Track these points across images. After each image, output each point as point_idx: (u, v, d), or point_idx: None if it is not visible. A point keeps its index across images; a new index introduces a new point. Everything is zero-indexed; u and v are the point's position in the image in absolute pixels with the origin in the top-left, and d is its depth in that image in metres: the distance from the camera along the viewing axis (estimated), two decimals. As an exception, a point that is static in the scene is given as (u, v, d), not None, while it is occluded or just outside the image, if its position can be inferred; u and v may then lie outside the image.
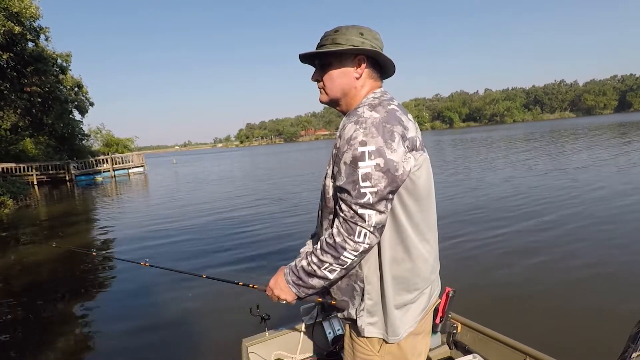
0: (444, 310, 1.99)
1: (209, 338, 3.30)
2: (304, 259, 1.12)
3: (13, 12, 15.64)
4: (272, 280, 1.21)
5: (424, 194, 1.11)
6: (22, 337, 3.65)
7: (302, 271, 1.11)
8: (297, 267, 1.13)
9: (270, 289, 1.20)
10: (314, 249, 1.10)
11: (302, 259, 1.12)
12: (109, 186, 20.89)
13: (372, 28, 1.17)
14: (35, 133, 25.92)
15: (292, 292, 1.15)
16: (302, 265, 1.11)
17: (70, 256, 6.41)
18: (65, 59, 24.20)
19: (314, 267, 1.08)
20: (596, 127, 35.15)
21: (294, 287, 1.14)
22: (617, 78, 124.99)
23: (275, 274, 1.22)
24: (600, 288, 3.62)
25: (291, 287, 1.14)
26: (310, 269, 1.08)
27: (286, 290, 1.16)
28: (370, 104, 1.08)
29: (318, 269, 1.07)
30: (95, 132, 38.42)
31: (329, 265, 1.05)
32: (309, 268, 1.09)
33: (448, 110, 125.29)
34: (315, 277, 1.09)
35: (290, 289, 1.15)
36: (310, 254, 1.10)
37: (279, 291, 1.17)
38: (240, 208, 9.56)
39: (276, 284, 1.19)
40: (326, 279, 1.08)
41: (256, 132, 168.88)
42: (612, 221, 5.68)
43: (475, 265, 4.43)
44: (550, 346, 1.86)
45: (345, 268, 1.06)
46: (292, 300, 1.17)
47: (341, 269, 1.06)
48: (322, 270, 1.07)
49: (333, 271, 1.06)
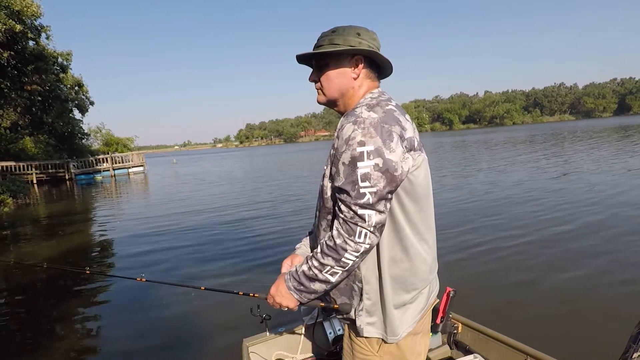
0: (444, 310, 1.99)
1: (210, 338, 3.30)
2: (305, 264, 1.10)
3: (14, 10, 15.63)
4: (272, 287, 1.20)
5: (422, 194, 1.11)
6: (19, 339, 3.63)
7: (303, 276, 1.09)
8: (298, 272, 1.11)
9: (271, 297, 1.19)
10: (314, 253, 1.09)
11: (303, 264, 1.11)
12: (108, 185, 20.87)
13: (369, 28, 1.17)
14: (35, 132, 25.90)
15: (294, 298, 1.14)
16: (302, 270, 1.10)
17: (70, 255, 6.41)
18: (66, 58, 24.23)
19: (315, 271, 1.06)
20: (600, 130, 35.10)
21: (296, 292, 1.12)
22: (616, 81, 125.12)
23: (276, 280, 1.20)
24: (601, 288, 3.62)
25: (293, 293, 1.13)
26: (312, 273, 1.07)
27: (288, 296, 1.15)
28: (368, 104, 1.08)
29: (319, 273, 1.06)
30: (95, 131, 38.47)
31: (330, 268, 1.04)
32: (310, 272, 1.08)
33: (448, 112, 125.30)
34: (317, 281, 1.07)
35: (292, 295, 1.14)
36: (310, 258, 1.09)
37: (281, 298, 1.16)
38: (241, 211, 9.51)
39: (277, 291, 1.17)
40: (328, 283, 1.07)
41: (256, 133, 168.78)
42: (613, 221, 5.69)
43: (476, 265, 4.44)
44: (550, 346, 1.86)
45: (346, 270, 1.05)
46: (294, 306, 1.16)
47: (343, 271, 1.05)
48: (323, 274, 1.06)
49: (335, 274, 1.05)
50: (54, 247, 7.14)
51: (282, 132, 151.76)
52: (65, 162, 24.70)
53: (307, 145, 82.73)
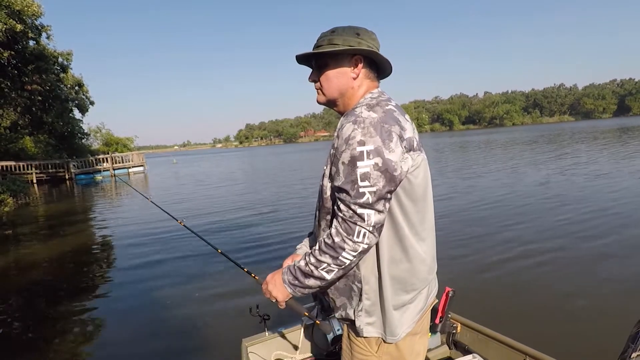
0: (443, 310, 2.00)
1: (209, 338, 3.30)
2: (302, 259, 1.10)
3: (15, 10, 15.65)
4: (269, 275, 1.21)
5: (421, 195, 1.11)
6: (20, 337, 3.64)
7: (299, 271, 1.10)
8: (295, 267, 1.12)
9: (266, 283, 1.21)
10: (312, 250, 1.09)
11: (301, 259, 1.11)
12: (108, 185, 20.87)
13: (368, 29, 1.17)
14: (35, 131, 25.91)
15: (286, 291, 1.14)
16: (299, 266, 1.11)
17: (70, 255, 6.42)
18: (66, 58, 24.27)
19: (312, 267, 1.07)
20: (605, 131, 34.95)
21: (290, 286, 1.13)
22: (616, 82, 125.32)
23: (276, 270, 1.22)
24: (600, 288, 3.63)
25: (287, 287, 1.14)
26: (308, 269, 1.08)
27: (280, 287, 1.15)
28: (368, 104, 1.08)
29: (315, 269, 1.06)
30: (95, 131, 38.51)
31: (327, 266, 1.05)
32: (306, 268, 1.08)
33: (448, 113, 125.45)
34: (312, 277, 1.08)
35: (285, 288, 1.14)
36: (308, 255, 1.09)
37: (272, 287, 1.17)
38: (241, 211, 9.54)
39: (272, 279, 1.19)
40: (323, 280, 1.07)
41: (255, 133, 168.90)
42: (612, 221, 5.70)
43: (475, 265, 4.44)
44: (550, 346, 1.87)
45: (343, 269, 1.05)
46: (283, 299, 1.17)
47: (339, 269, 1.05)
48: (319, 271, 1.06)
49: (331, 272, 1.05)
50: (55, 247, 7.14)
51: (281, 132, 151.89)
52: (65, 162, 24.71)
53: (307, 146, 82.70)
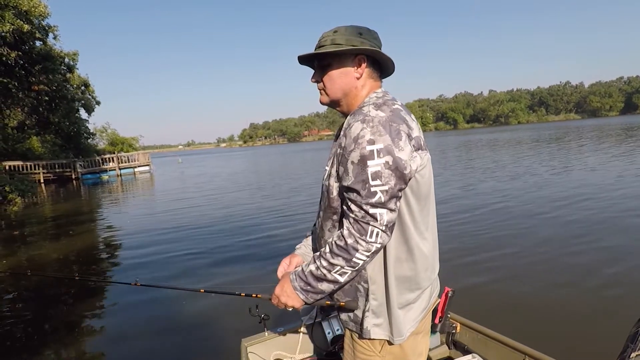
0: (443, 310, 2.00)
1: (208, 338, 3.30)
2: (312, 264, 1.08)
3: (22, 10, 15.75)
4: (277, 287, 1.17)
5: (426, 194, 1.11)
6: (19, 344, 3.59)
7: (311, 276, 1.07)
8: (305, 272, 1.09)
9: (276, 297, 1.17)
10: (323, 252, 1.06)
11: (310, 264, 1.09)
12: (115, 185, 20.99)
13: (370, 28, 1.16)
14: (42, 131, 26.14)
15: (300, 299, 1.12)
16: (310, 270, 1.08)
17: (73, 257, 6.46)
18: (72, 58, 24.44)
19: (324, 271, 1.04)
20: (620, 129, 34.14)
21: (302, 293, 1.10)
22: (623, 80, 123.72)
23: (280, 281, 1.19)
24: (600, 288, 3.62)
25: (299, 294, 1.11)
26: (320, 273, 1.05)
27: (293, 296, 1.12)
28: (375, 103, 1.07)
29: (328, 273, 1.04)
30: (100, 131, 38.71)
31: (340, 268, 1.03)
32: (318, 272, 1.06)
33: (452, 111, 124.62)
34: (325, 281, 1.06)
35: (297, 295, 1.11)
36: (318, 258, 1.07)
37: (286, 298, 1.14)
38: (243, 211, 9.54)
39: (282, 291, 1.15)
40: (336, 283, 1.05)
41: (259, 132, 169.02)
42: (612, 221, 5.67)
43: (474, 265, 4.43)
44: (549, 346, 1.87)
45: (356, 270, 1.04)
46: (300, 306, 1.14)
47: (352, 271, 1.03)
48: (332, 274, 1.04)
49: (344, 274, 1.03)
50: (63, 247, 7.19)
51: (285, 131, 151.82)
52: (72, 162, 24.91)
53: (311, 145, 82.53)
